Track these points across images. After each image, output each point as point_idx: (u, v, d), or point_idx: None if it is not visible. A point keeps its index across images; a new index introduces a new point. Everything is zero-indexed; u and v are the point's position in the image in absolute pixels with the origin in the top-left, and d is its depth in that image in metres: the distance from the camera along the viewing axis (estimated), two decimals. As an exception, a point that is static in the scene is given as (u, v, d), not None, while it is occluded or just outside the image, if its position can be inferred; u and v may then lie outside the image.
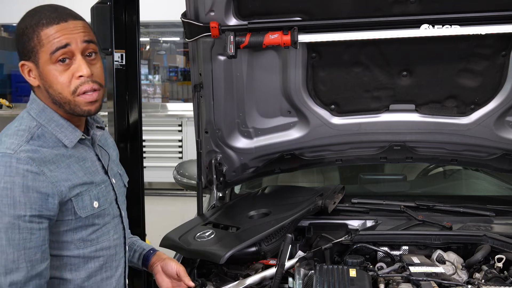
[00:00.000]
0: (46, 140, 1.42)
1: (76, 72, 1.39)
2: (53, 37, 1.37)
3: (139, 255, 1.81)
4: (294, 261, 1.98)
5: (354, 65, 2.23)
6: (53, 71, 1.38)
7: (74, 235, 1.45)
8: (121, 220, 1.62)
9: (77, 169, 1.45)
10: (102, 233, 1.51)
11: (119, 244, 1.59)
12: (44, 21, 1.38)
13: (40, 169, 1.35)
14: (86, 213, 1.45)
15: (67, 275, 1.47)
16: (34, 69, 1.41)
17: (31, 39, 1.38)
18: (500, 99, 2.27)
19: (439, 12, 1.97)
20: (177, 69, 9.56)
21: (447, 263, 2.02)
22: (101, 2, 2.57)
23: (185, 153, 7.37)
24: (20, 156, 1.34)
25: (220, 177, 2.57)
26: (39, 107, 1.45)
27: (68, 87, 1.39)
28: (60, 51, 1.37)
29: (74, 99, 1.41)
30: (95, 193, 1.48)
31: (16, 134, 1.39)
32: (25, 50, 1.40)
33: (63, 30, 1.38)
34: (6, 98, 8.54)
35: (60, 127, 1.44)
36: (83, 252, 1.47)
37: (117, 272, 1.59)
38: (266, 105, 2.39)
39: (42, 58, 1.38)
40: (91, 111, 1.44)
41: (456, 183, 3.24)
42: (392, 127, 2.42)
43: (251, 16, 2.05)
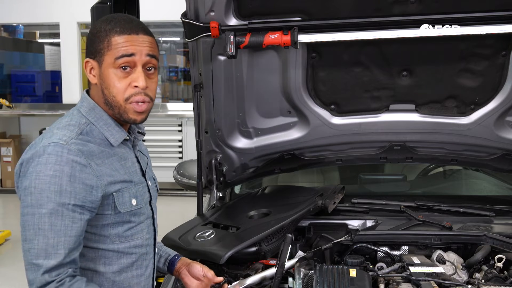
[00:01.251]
0: (93, 137, 1.49)
1: (133, 82, 1.48)
2: (122, 45, 1.46)
3: (165, 260, 1.85)
4: (294, 261, 1.98)
5: (354, 65, 2.23)
6: (113, 75, 1.48)
7: (111, 230, 1.51)
8: (153, 222, 1.68)
9: (119, 167, 1.53)
10: (136, 231, 1.57)
11: (150, 244, 1.65)
12: (118, 29, 1.48)
13: (87, 161, 1.42)
14: (125, 209, 1.52)
15: (101, 267, 1.52)
16: (96, 68, 1.50)
17: (102, 41, 1.48)
18: (500, 99, 2.27)
19: (439, 12, 1.97)
20: (177, 69, 9.57)
21: (447, 263, 2.02)
22: (101, 2, 2.57)
23: (185, 153, 7.37)
24: (71, 148, 1.41)
25: (220, 177, 2.57)
26: (90, 106, 1.53)
27: (123, 93, 1.49)
28: (124, 58, 1.46)
29: (125, 105, 1.49)
30: (134, 192, 1.55)
31: (67, 128, 1.47)
32: (93, 49, 1.50)
33: (133, 41, 1.48)
34: (6, 98, 8.54)
35: (107, 126, 1.52)
36: (118, 247, 1.53)
37: (147, 272, 1.64)
38: (266, 105, 2.39)
39: (107, 61, 1.47)
40: (137, 120, 1.53)
41: (456, 183, 3.24)
42: (392, 127, 2.41)
43: (251, 16, 2.06)
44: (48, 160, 1.38)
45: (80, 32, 7.83)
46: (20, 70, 9.69)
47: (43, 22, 8.35)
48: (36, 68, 9.91)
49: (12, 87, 9.29)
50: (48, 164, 1.38)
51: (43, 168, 1.38)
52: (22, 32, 10.10)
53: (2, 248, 5.36)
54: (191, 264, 1.82)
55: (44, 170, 1.38)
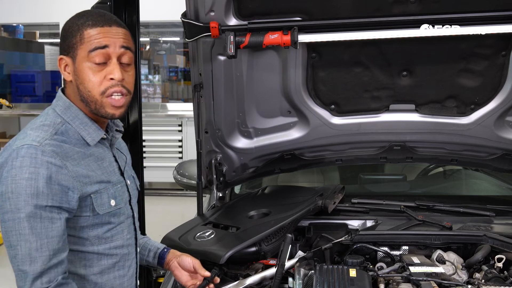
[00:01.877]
0: (69, 137, 1.47)
1: (109, 74, 1.46)
2: (95, 37, 1.44)
3: (154, 254, 1.85)
4: (294, 261, 1.98)
5: (354, 65, 2.23)
6: (88, 69, 1.45)
7: (90, 231, 1.50)
8: (133, 221, 1.66)
9: (96, 167, 1.51)
10: (116, 232, 1.56)
11: (132, 244, 1.64)
12: (90, 22, 1.46)
13: (63, 163, 1.40)
14: (103, 211, 1.50)
15: (81, 270, 1.51)
16: (70, 64, 1.48)
17: (74, 36, 1.46)
18: (500, 99, 2.27)
19: (439, 12, 1.97)
20: (177, 69, 9.57)
21: (447, 263, 2.02)
22: (101, 2, 2.57)
23: (185, 153, 7.37)
24: (45, 149, 1.38)
25: (220, 177, 2.57)
26: (65, 105, 1.51)
27: (98, 87, 1.46)
28: (98, 51, 1.44)
29: (102, 99, 1.47)
30: (112, 192, 1.53)
31: (41, 129, 1.44)
32: (66, 46, 1.48)
33: (106, 33, 1.46)
34: (6, 98, 8.54)
35: (84, 125, 1.50)
36: (98, 248, 1.52)
37: (129, 272, 1.63)
38: (266, 105, 2.38)
39: (80, 55, 1.45)
40: (115, 115, 1.50)
41: (456, 183, 3.24)
42: (392, 127, 2.41)
43: (251, 16, 2.05)
44: (22, 163, 1.36)
45: (80, 32, 7.82)
46: (20, 70, 9.69)
47: (43, 22, 8.36)
48: (36, 68, 9.91)
49: (12, 87, 9.29)
50: (23, 167, 1.36)
51: (18, 171, 1.36)
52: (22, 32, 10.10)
53: (2, 248, 5.36)
54: (181, 257, 1.82)
55: (20, 173, 1.36)
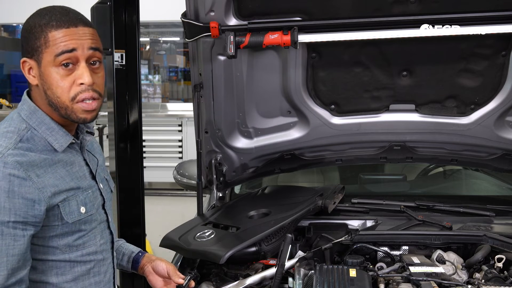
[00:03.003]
0: (35, 144, 1.39)
1: (78, 79, 1.38)
2: (61, 40, 1.35)
3: (128, 258, 1.79)
4: (294, 261, 1.98)
5: (354, 65, 2.23)
6: (55, 74, 1.37)
7: (60, 240, 1.42)
8: (107, 225, 1.59)
9: (64, 174, 1.42)
10: (88, 239, 1.48)
11: (106, 249, 1.57)
12: (54, 23, 1.36)
13: (27, 174, 1.32)
14: (73, 219, 1.42)
15: (53, 279, 1.43)
16: (35, 67, 1.39)
17: (38, 38, 1.36)
18: (500, 99, 2.27)
19: (439, 12, 1.97)
20: (177, 69, 9.57)
21: (447, 263, 2.02)
22: (101, 2, 2.57)
23: (185, 153, 7.37)
24: (7, 160, 1.30)
25: (220, 177, 2.57)
26: (30, 109, 1.42)
27: (68, 92, 1.38)
28: (65, 55, 1.35)
29: (72, 105, 1.39)
30: (82, 199, 1.45)
31: (4, 136, 1.36)
32: (29, 48, 1.39)
33: (72, 34, 1.36)
34: (6, 98, 8.54)
35: (50, 130, 1.42)
36: (69, 256, 1.44)
37: (106, 277, 1.56)
38: (266, 105, 2.38)
39: (46, 59, 1.37)
40: (87, 119, 1.42)
41: (456, 183, 3.24)
42: (392, 127, 2.41)
43: (251, 16, 2.05)
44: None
45: (80, 32, 7.82)
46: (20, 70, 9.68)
47: (43, 22, 8.34)
48: (36, 68, 9.90)
49: (12, 87, 9.29)
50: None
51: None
52: (22, 32, 10.09)
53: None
54: (155, 261, 1.76)
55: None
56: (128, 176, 2.79)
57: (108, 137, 3.12)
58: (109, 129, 2.89)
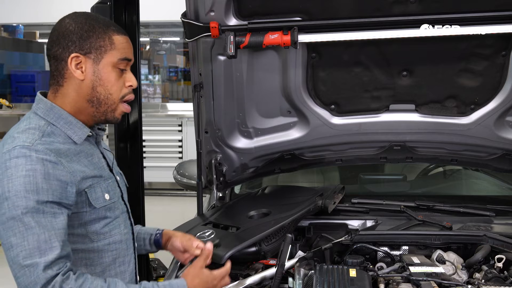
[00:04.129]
0: (56, 137, 1.47)
1: (127, 81, 1.56)
2: (125, 46, 1.53)
3: (149, 241, 1.87)
4: (294, 261, 1.98)
5: (354, 65, 2.23)
6: (114, 73, 1.51)
7: (89, 227, 1.50)
8: (128, 216, 1.67)
9: (87, 163, 1.52)
10: (113, 227, 1.57)
11: (129, 239, 1.65)
12: (113, 28, 1.52)
13: (58, 159, 1.41)
14: (99, 204, 1.51)
15: (83, 269, 1.50)
16: (89, 64, 1.50)
17: (101, 38, 1.49)
18: (500, 99, 2.27)
19: (439, 12, 1.97)
20: (177, 69, 9.57)
21: (447, 263, 2.02)
22: (101, 2, 2.57)
23: (185, 153, 7.37)
24: (38, 148, 1.39)
25: (220, 177, 2.57)
26: (47, 106, 1.51)
27: (119, 92, 1.54)
28: (125, 61, 1.54)
29: (118, 104, 1.55)
30: (105, 186, 1.55)
31: (27, 132, 1.44)
32: (87, 45, 1.48)
33: (129, 43, 1.56)
34: (6, 98, 8.54)
35: (68, 124, 1.51)
36: (97, 245, 1.52)
37: (130, 267, 1.64)
38: (266, 105, 2.38)
39: (108, 58, 1.50)
40: (118, 120, 1.59)
41: (456, 183, 3.24)
42: (392, 127, 2.41)
43: (251, 16, 2.05)
44: (17, 162, 1.36)
45: (80, 32, 7.82)
46: (20, 70, 9.69)
47: (43, 22, 8.35)
48: (36, 68, 9.90)
49: (12, 87, 9.28)
50: (19, 166, 1.35)
51: (14, 171, 1.35)
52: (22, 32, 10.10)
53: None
54: (171, 239, 1.85)
55: (16, 172, 1.35)
56: (128, 176, 2.78)
57: (108, 137, 3.12)
58: (109, 129, 2.89)
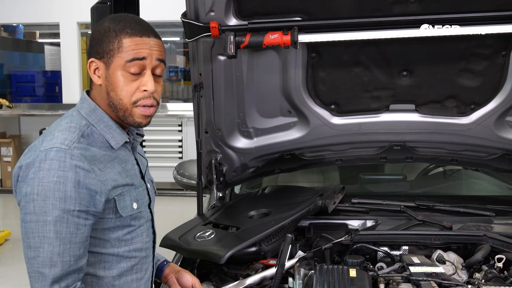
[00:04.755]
0: (94, 140, 1.47)
1: (142, 85, 1.46)
2: (133, 47, 1.44)
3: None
4: (294, 261, 1.98)
5: (354, 65, 2.23)
6: (122, 77, 1.45)
7: (112, 233, 1.49)
8: (152, 225, 1.65)
9: (120, 170, 1.50)
10: (136, 235, 1.55)
11: (150, 247, 1.63)
12: (129, 30, 1.45)
13: (91, 167, 1.39)
14: (126, 213, 1.49)
15: (100, 272, 1.50)
16: (103, 69, 1.47)
17: (112, 42, 1.44)
18: (500, 99, 2.27)
19: (439, 12, 1.97)
20: (177, 69, 9.57)
21: (447, 263, 2.02)
22: (101, 2, 2.57)
23: (185, 153, 7.37)
24: (74, 153, 1.38)
25: (220, 177, 2.57)
26: (90, 107, 1.50)
27: (130, 96, 1.46)
28: (136, 62, 1.44)
29: (132, 108, 1.47)
30: (134, 195, 1.53)
31: (68, 130, 1.43)
32: (100, 50, 1.46)
33: (144, 44, 1.45)
34: (6, 98, 8.54)
35: (108, 128, 1.50)
36: (118, 251, 1.51)
37: (146, 275, 1.62)
38: (266, 105, 2.38)
39: (116, 62, 1.44)
40: (142, 123, 1.51)
41: (456, 183, 3.24)
42: (392, 127, 2.41)
43: (251, 16, 2.05)
44: (51, 166, 1.35)
45: (80, 32, 7.83)
46: (20, 70, 9.70)
47: (43, 22, 8.35)
48: (36, 68, 9.91)
49: (12, 87, 9.29)
50: (52, 170, 1.35)
51: (46, 174, 1.34)
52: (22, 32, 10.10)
53: (2, 248, 5.36)
54: (180, 272, 1.80)
55: (47, 176, 1.34)
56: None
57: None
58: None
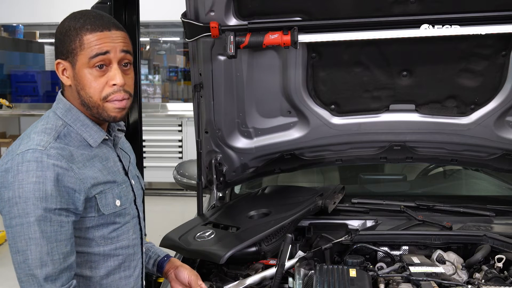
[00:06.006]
0: (71, 139, 1.46)
1: (111, 80, 1.45)
2: (95, 43, 1.42)
3: (154, 261, 1.84)
4: (294, 261, 1.98)
5: (354, 65, 2.23)
6: (89, 75, 1.44)
7: (96, 232, 1.49)
8: (139, 221, 1.65)
9: (100, 168, 1.50)
10: (122, 232, 1.55)
11: (137, 244, 1.63)
12: (89, 26, 1.43)
13: (69, 165, 1.40)
14: (108, 211, 1.49)
15: (87, 272, 1.50)
16: (69, 69, 1.46)
17: (73, 41, 1.43)
18: (500, 99, 2.27)
19: (439, 12, 1.97)
20: (177, 69, 9.57)
21: (447, 263, 2.02)
22: (101, 2, 2.57)
23: (185, 153, 7.37)
24: (50, 152, 1.38)
25: (220, 177, 2.57)
26: (65, 107, 1.50)
27: (100, 92, 1.45)
28: (99, 57, 1.43)
29: (103, 104, 1.46)
30: (117, 192, 1.52)
31: (44, 132, 1.43)
32: (64, 50, 1.45)
33: (105, 38, 1.43)
34: (6, 98, 8.54)
35: (85, 126, 1.49)
36: (103, 249, 1.51)
37: (135, 272, 1.62)
38: (266, 105, 2.38)
39: (80, 61, 1.43)
40: (117, 117, 1.50)
41: (456, 183, 3.24)
42: (392, 127, 2.41)
43: (251, 16, 2.05)
44: (29, 167, 1.35)
45: (80, 32, 7.82)
46: (20, 70, 9.69)
47: (43, 22, 8.35)
48: (36, 68, 9.90)
49: (12, 87, 9.28)
50: (30, 171, 1.35)
51: (25, 176, 1.35)
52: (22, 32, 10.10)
53: (2, 248, 5.36)
54: (178, 268, 1.79)
55: (27, 178, 1.34)
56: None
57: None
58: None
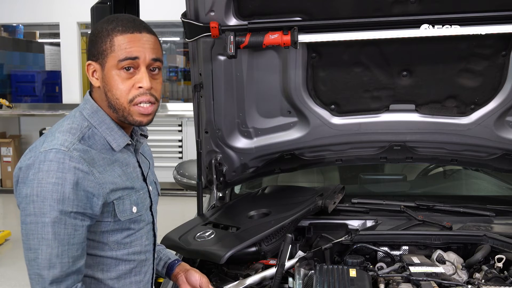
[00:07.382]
0: (95, 142, 1.46)
1: (137, 83, 1.45)
2: (125, 46, 1.43)
3: (164, 263, 1.84)
4: (294, 261, 1.98)
5: (354, 65, 2.23)
6: (116, 76, 1.44)
7: (110, 237, 1.49)
8: (153, 227, 1.65)
9: (121, 173, 1.50)
10: (135, 238, 1.55)
11: (149, 250, 1.63)
12: (120, 28, 1.44)
13: (90, 169, 1.39)
14: (125, 217, 1.49)
15: (99, 274, 1.50)
16: (99, 70, 1.47)
17: (104, 42, 1.44)
18: (500, 99, 2.27)
19: (439, 12, 1.97)
20: (177, 69, 9.57)
21: (447, 263, 2.02)
22: (101, 2, 2.57)
23: (185, 153, 7.37)
24: (73, 154, 1.38)
25: (220, 177, 2.57)
26: (93, 109, 1.50)
27: (126, 95, 1.45)
28: (128, 61, 1.43)
29: (130, 107, 1.46)
30: (134, 198, 1.52)
31: (69, 132, 1.43)
32: (95, 51, 1.46)
33: (136, 41, 1.44)
34: (6, 98, 8.55)
35: (110, 130, 1.49)
36: (116, 254, 1.51)
37: (146, 278, 1.62)
38: (266, 105, 2.38)
39: (109, 62, 1.44)
40: (143, 122, 1.49)
41: (456, 183, 3.24)
42: (392, 127, 2.41)
43: (251, 16, 2.06)
44: (50, 167, 1.35)
45: (80, 32, 7.84)
46: (20, 70, 9.70)
47: (43, 22, 8.36)
48: (36, 68, 9.92)
49: (12, 87, 9.29)
50: (50, 172, 1.35)
51: (45, 175, 1.35)
52: (22, 32, 10.11)
53: (2, 248, 5.36)
54: (189, 271, 1.79)
55: (46, 177, 1.34)
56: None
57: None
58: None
